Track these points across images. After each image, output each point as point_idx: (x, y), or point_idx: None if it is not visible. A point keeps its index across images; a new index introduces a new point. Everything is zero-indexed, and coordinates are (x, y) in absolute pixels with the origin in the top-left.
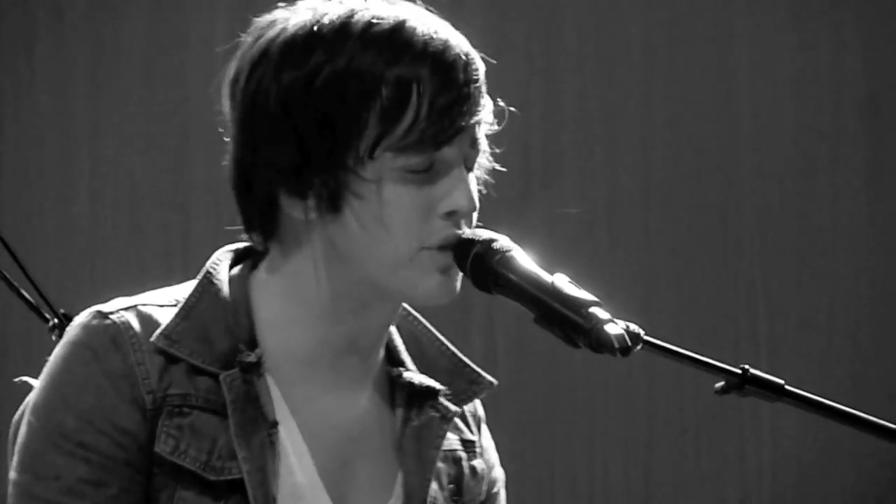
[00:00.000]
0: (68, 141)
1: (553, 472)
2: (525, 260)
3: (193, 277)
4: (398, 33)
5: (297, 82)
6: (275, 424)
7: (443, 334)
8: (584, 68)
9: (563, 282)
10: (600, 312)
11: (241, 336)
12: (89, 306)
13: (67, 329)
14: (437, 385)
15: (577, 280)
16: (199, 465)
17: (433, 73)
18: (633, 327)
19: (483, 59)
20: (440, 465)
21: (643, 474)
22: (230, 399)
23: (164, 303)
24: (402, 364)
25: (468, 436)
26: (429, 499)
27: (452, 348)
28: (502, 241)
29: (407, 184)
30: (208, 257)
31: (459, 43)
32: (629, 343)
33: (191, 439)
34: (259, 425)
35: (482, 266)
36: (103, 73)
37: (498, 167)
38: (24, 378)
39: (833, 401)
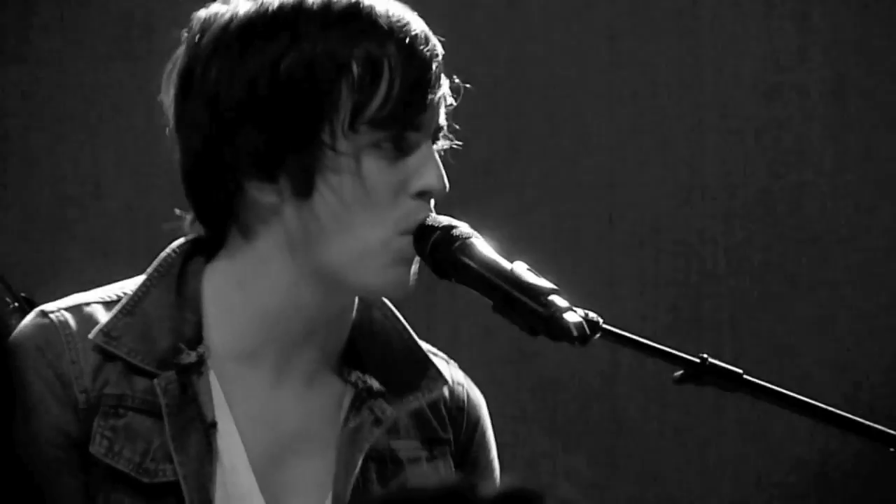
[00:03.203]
0: (31, 124)
1: (517, 462)
2: (485, 247)
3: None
4: (358, 12)
5: (264, 67)
6: (213, 425)
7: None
8: (550, 52)
9: (522, 269)
10: (559, 300)
11: (185, 333)
12: (51, 291)
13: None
14: (378, 386)
15: (539, 269)
16: (132, 467)
17: (399, 49)
18: (592, 315)
19: (448, 47)
20: (388, 466)
21: (608, 463)
22: (165, 402)
23: (110, 298)
24: (357, 361)
25: (438, 435)
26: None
27: (421, 344)
28: (462, 228)
29: (381, 159)
30: (172, 241)
31: (417, 21)
32: (588, 331)
33: (125, 441)
34: (197, 426)
35: (442, 253)
36: (68, 57)
37: (457, 145)
38: None
39: (796, 392)
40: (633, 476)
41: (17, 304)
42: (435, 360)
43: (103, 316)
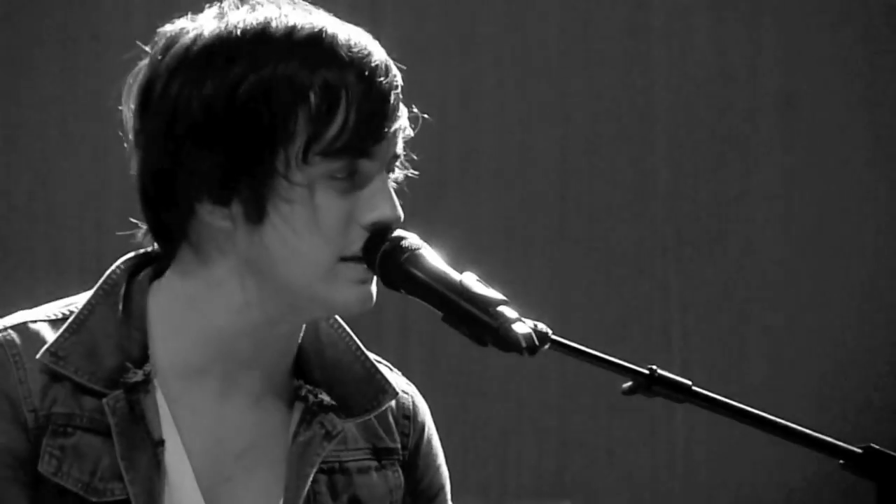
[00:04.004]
0: None
1: (466, 474)
2: (434, 258)
3: (106, 268)
4: (320, 41)
5: (222, 90)
6: (161, 443)
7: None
8: (501, 64)
9: (471, 280)
10: (508, 311)
11: (131, 351)
12: (1, 294)
13: None
14: (328, 400)
15: (490, 280)
16: (80, 486)
17: (358, 80)
18: (541, 326)
19: (397, 61)
20: (337, 476)
21: (556, 475)
22: (114, 422)
23: (56, 316)
24: (305, 374)
25: (386, 444)
26: None
27: (369, 355)
28: (411, 240)
29: (333, 190)
30: (121, 251)
31: (379, 51)
32: (536, 342)
33: (73, 460)
34: (146, 445)
35: (390, 264)
36: (19, 66)
37: (413, 174)
38: None
39: (745, 402)
40: (581, 488)
41: None
42: (381, 369)
43: (49, 334)
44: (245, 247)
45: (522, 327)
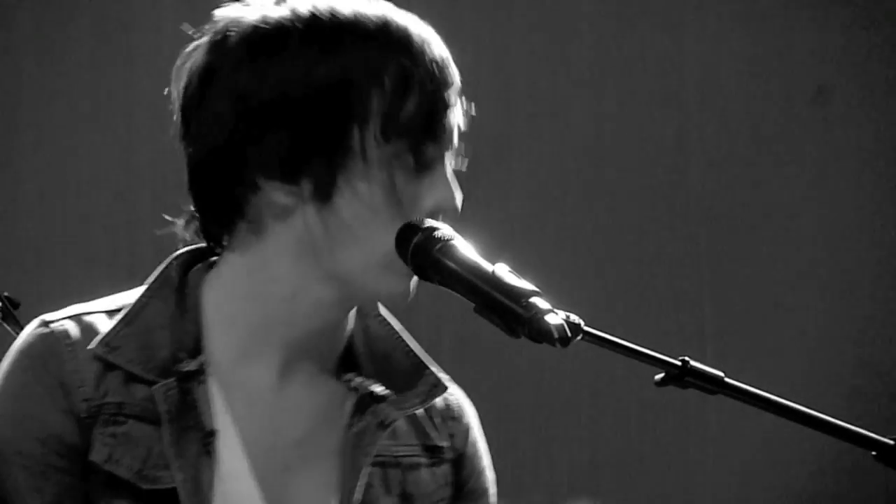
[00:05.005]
0: (15, 126)
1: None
2: (466, 249)
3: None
4: (390, 28)
5: (298, 70)
6: (212, 433)
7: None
8: (534, 57)
9: (503, 271)
10: (540, 302)
11: (184, 342)
12: (35, 291)
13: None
14: (382, 391)
15: (522, 272)
16: (132, 474)
17: (427, 66)
18: (574, 317)
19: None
20: (390, 471)
21: (589, 466)
22: (164, 410)
23: (110, 308)
24: (356, 367)
25: (435, 441)
26: None
27: (417, 350)
28: (444, 230)
29: (402, 171)
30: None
31: (441, 44)
32: (568, 333)
33: (125, 448)
34: (196, 434)
35: (423, 254)
36: (49, 59)
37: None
38: None
39: (780, 396)
40: (614, 478)
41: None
42: (431, 365)
43: (104, 326)
44: (306, 225)
45: (555, 318)
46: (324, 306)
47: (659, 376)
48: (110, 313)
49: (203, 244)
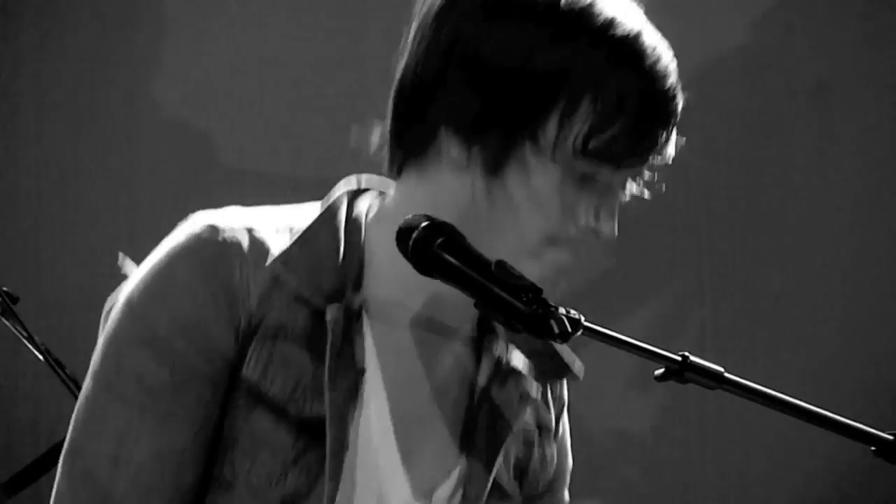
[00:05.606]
0: (13, 117)
1: None
2: (465, 244)
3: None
4: (630, 42)
5: (519, 44)
6: (363, 372)
7: None
8: None
9: (503, 267)
10: (540, 297)
11: (349, 275)
12: (32, 285)
13: (174, 232)
14: (524, 363)
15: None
16: (283, 396)
17: (651, 94)
18: (574, 313)
19: None
20: (523, 445)
21: (589, 466)
22: (331, 340)
23: (278, 228)
24: (493, 331)
25: (547, 420)
26: (492, 476)
27: None
28: (443, 227)
29: (578, 183)
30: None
31: (676, 74)
32: (568, 328)
33: (279, 369)
34: (349, 370)
35: (424, 250)
36: (49, 47)
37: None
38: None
39: (780, 391)
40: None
41: None
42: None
43: (273, 243)
44: (473, 188)
45: (554, 313)
46: None
47: (659, 371)
48: (279, 232)
49: (374, 177)
